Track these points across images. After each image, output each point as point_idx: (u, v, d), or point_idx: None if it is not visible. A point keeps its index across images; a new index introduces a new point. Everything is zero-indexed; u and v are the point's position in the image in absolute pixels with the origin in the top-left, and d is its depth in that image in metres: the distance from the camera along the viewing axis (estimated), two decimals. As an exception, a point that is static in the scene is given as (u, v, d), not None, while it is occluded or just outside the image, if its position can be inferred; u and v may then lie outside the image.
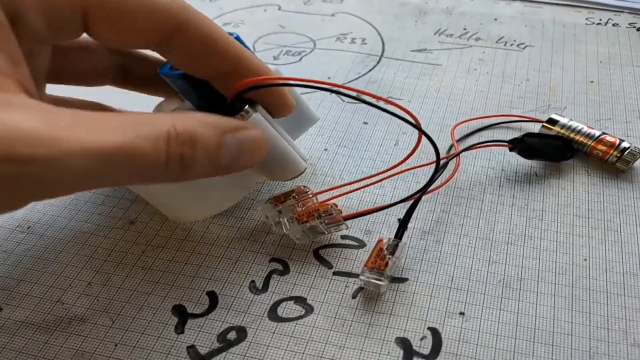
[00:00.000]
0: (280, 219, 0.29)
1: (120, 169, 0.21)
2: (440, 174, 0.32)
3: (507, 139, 0.34)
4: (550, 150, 0.34)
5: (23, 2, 0.22)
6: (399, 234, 0.29)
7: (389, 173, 0.32)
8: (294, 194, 0.30)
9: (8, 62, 0.21)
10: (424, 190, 0.30)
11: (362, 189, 0.32)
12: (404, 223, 0.29)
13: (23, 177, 0.18)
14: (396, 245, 0.28)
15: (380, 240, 0.28)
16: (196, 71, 0.27)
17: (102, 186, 0.22)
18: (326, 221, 0.29)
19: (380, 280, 0.27)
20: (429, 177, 0.30)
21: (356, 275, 0.28)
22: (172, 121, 0.22)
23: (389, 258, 0.27)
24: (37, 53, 0.26)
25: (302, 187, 0.31)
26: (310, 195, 0.30)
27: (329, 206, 0.29)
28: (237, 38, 0.27)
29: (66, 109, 0.20)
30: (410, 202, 0.29)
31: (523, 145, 0.33)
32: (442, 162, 0.32)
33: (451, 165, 0.33)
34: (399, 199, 0.30)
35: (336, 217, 0.29)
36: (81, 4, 0.24)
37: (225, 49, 0.26)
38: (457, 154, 0.33)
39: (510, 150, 0.34)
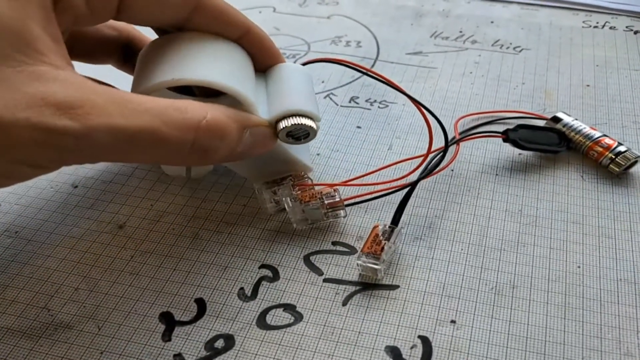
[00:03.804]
0: (283, 199, 0.30)
1: (143, 150, 0.23)
2: (435, 165, 0.32)
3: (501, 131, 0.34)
4: (543, 140, 0.34)
5: None
6: (395, 220, 0.29)
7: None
8: (291, 177, 0.31)
9: (50, 39, 0.22)
10: (423, 174, 0.31)
11: (358, 187, 0.33)
12: (400, 208, 0.29)
13: (50, 144, 0.21)
14: (392, 231, 0.28)
15: (375, 226, 0.28)
16: None
17: (126, 161, 0.25)
18: (327, 204, 0.30)
19: (376, 264, 0.27)
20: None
21: (347, 283, 0.28)
22: (204, 112, 0.24)
23: (385, 243, 0.28)
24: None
25: (299, 173, 0.31)
26: (307, 179, 0.31)
27: (332, 190, 0.30)
28: None
29: (106, 88, 0.22)
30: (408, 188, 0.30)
31: (516, 135, 0.34)
32: (433, 153, 0.33)
33: (448, 160, 0.33)
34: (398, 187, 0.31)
35: (337, 200, 0.30)
36: None
37: (236, 18, 0.29)
38: (456, 142, 0.34)
39: (504, 141, 0.34)
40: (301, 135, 0.28)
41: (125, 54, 0.33)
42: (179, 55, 0.27)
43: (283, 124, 0.27)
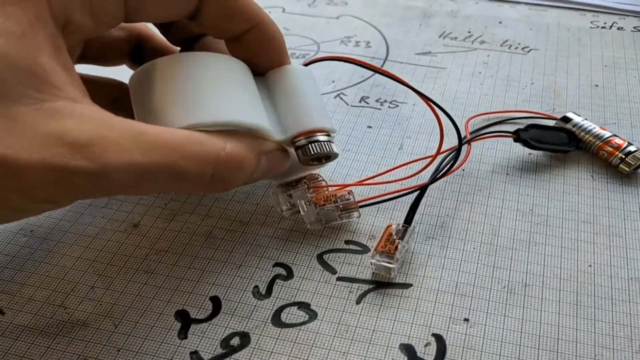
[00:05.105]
0: (298, 202, 0.30)
1: (161, 184, 0.23)
2: (449, 164, 0.32)
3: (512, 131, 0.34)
4: (553, 140, 0.35)
5: (70, 6, 0.23)
6: (409, 219, 0.29)
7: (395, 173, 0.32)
8: (305, 180, 0.31)
9: (63, 70, 0.22)
10: (436, 175, 0.31)
11: (371, 186, 0.33)
12: (413, 207, 0.30)
13: (65, 184, 0.21)
14: (405, 230, 0.29)
15: (389, 226, 0.29)
16: (222, 34, 0.29)
17: (143, 194, 0.25)
18: (341, 206, 0.30)
19: (390, 263, 0.27)
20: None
21: (360, 281, 0.28)
22: (223, 144, 0.24)
23: (399, 242, 0.28)
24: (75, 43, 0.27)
25: (314, 174, 0.32)
26: (321, 181, 0.31)
27: (346, 192, 0.30)
28: None
29: (121, 120, 0.22)
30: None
31: (527, 135, 0.34)
32: (444, 154, 0.33)
33: (460, 160, 0.33)
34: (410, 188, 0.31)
35: (352, 202, 0.30)
36: None
37: (247, 8, 0.28)
38: (467, 142, 0.34)
39: (515, 140, 0.34)
40: (322, 156, 0.28)
41: (136, 53, 0.33)
42: (186, 91, 0.26)
43: (309, 150, 0.28)
